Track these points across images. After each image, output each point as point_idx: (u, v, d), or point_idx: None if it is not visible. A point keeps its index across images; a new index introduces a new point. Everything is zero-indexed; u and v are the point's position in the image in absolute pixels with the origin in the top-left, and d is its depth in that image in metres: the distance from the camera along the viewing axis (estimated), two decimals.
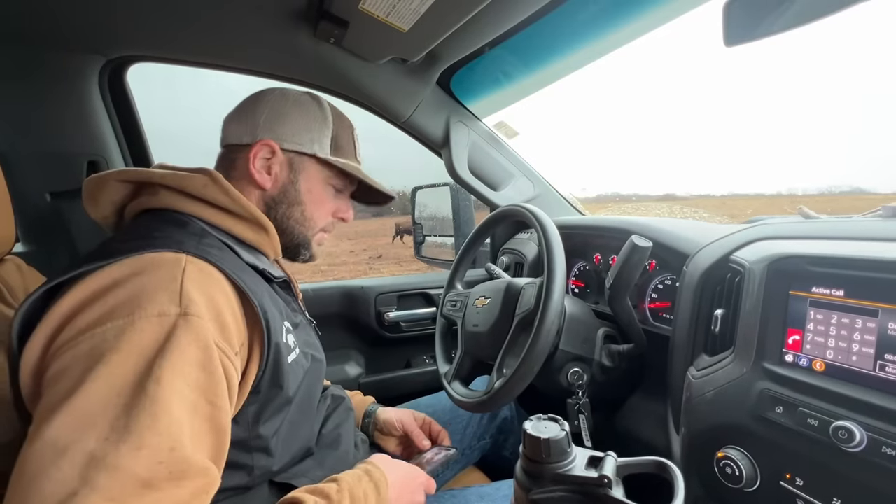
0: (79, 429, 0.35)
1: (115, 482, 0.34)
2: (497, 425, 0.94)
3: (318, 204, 0.65)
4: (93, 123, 0.91)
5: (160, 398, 0.37)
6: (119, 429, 0.36)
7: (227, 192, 0.54)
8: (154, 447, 0.36)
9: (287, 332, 0.54)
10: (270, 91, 0.64)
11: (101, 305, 0.40)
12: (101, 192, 0.55)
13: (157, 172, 0.54)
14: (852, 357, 0.45)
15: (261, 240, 0.58)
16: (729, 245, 0.63)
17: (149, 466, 0.36)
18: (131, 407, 0.36)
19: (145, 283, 0.42)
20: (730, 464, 0.52)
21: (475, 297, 0.85)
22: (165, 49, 0.89)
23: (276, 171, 0.61)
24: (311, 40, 0.84)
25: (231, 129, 0.62)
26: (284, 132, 0.61)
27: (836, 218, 0.65)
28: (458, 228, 1.35)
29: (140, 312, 0.39)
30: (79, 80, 0.89)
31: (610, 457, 0.29)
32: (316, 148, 0.63)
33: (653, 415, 0.77)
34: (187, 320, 0.41)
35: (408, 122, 1.06)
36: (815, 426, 0.45)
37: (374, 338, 1.20)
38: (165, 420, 0.37)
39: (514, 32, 0.89)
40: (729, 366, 0.56)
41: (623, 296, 0.72)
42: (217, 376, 0.42)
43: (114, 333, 0.39)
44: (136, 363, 0.38)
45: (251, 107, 0.62)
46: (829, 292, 0.48)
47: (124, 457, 0.35)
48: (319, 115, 0.64)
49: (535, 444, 0.28)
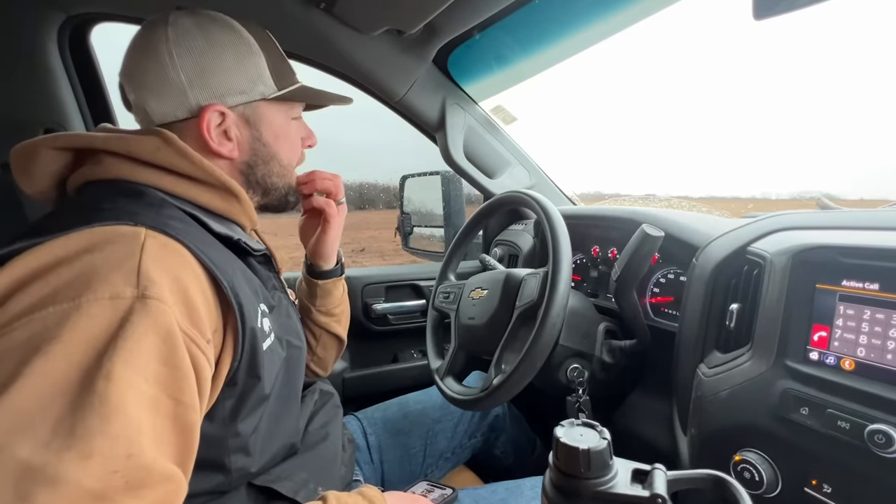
0: (10, 431, 0.28)
1: (59, 497, 0.28)
2: (489, 423, 0.90)
3: (289, 146, 0.57)
4: (50, 87, 0.82)
5: (112, 396, 0.31)
6: (62, 433, 0.29)
7: (185, 153, 0.46)
8: (106, 454, 0.30)
9: (262, 317, 0.47)
10: (161, 42, 0.48)
11: (41, 286, 0.33)
12: (32, 163, 0.47)
13: (99, 136, 0.46)
14: (887, 355, 0.42)
15: (231, 208, 0.50)
16: (745, 236, 0.60)
17: (101, 477, 0.29)
18: (77, 407, 0.30)
19: (96, 260, 0.35)
20: (748, 468, 0.48)
21: (471, 288, 0.80)
22: (133, 6, 0.80)
23: (236, 134, 0.52)
24: (298, 4, 0.77)
25: (153, 106, 0.49)
26: (221, 86, 0.50)
27: (859, 209, 0.62)
28: (448, 219, 1.30)
29: (89, 295, 0.33)
30: (35, 37, 0.79)
31: (658, 470, 0.24)
32: (261, 89, 0.53)
33: (655, 414, 0.74)
34: (145, 304, 0.34)
35: (402, 101, 0.99)
36: (846, 429, 0.42)
37: (360, 330, 1.14)
38: (119, 422, 0.31)
39: (514, 9, 0.85)
40: (746, 363, 0.52)
41: (630, 288, 0.68)
42: (182, 369, 0.35)
43: (56, 319, 0.32)
44: (83, 355, 0.31)
45: (155, 67, 0.49)
46: (862, 286, 0.44)
47: (69, 467, 0.28)
48: (243, 46, 0.52)
49: (571, 455, 0.24)
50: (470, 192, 1.26)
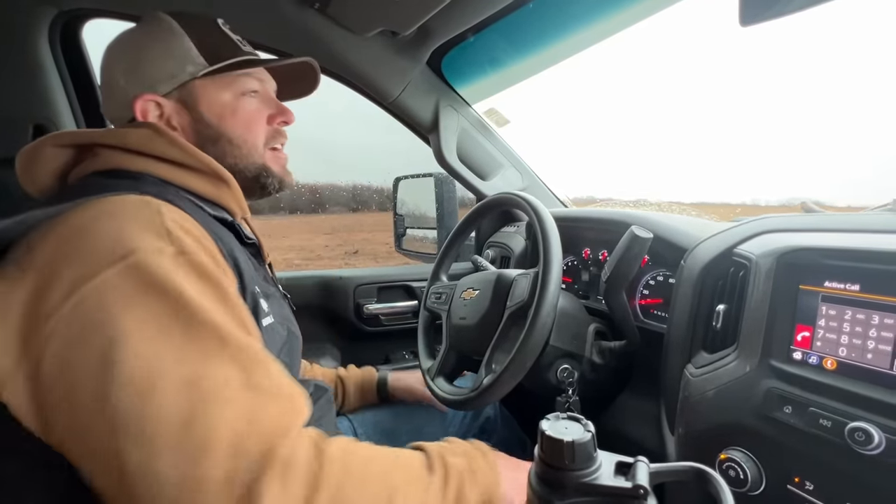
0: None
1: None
2: (479, 425, 0.90)
3: (239, 121, 0.56)
4: (41, 83, 0.81)
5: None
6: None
7: (175, 142, 0.48)
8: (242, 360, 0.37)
9: (259, 297, 0.49)
10: (107, 51, 0.55)
11: (79, 254, 0.35)
12: (36, 164, 0.48)
13: (97, 132, 0.48)
14: (867, 355, 0.43)
15: (221, 194, 0.51)
16: (731, 238, 0.60)
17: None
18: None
19: (122, 224, 0.37)
20: (734, 466, 0.49)
21: (462, 288, 0.81)
22: (125, 3, 0.80)
23: (177, 121, 0.53)
24: (292, 4, 0.77)
25: (110, 110, 0.55)
26: (151, 75, 0.52)
27: (842, 213, 0.64)
28: (441, 220, 1.30)
29: (133, 257, 0.35)
30: (26, 32, 0.79)
31: (641, 462, 0.24)
32: (190, 69, 0.53)
33: (643, 414, 0.75)
34: (187, 259, 0.37)
35: (395, 102, 1.00)
36: (827, 427, 0.42)
37: (352, 331, 1.14)
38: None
39: (508, 12, 0.86)
40: (732, 363, 0.53)
41: (620, 289, 0.69)
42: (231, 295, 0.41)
43: (115, 282, 0.34)
44: (165, 303, 0.35)
45: (106, 75, 0.54)
46: (844, 287, 0.45)
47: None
48: (164, 33, 0.53)
49: (556, 447, 0.24)
50: (463, 195, 1.26)
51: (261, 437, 0.33)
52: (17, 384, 0.33)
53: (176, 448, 0.31)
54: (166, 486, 0.30)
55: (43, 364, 0.33)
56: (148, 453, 0.31)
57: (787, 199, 2.34)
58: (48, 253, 0.36)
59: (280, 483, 0.32)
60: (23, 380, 0.33)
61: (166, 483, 0.31)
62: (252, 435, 0.33)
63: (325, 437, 0.39)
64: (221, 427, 0.32)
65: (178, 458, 0.31)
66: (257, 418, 0.34)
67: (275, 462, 0.33)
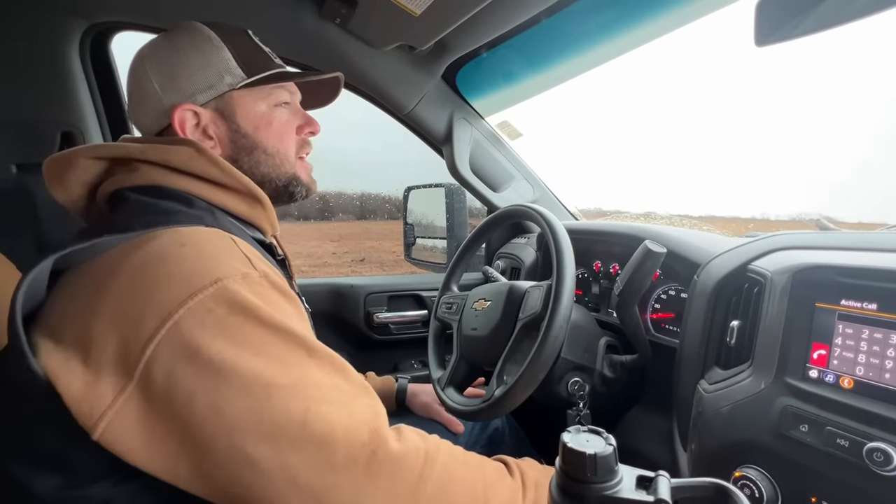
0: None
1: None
2: (488, 436, 0.90)
3: (273, 132, 0.57)
4: (70, 92, 0.84)
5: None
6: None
7: (216, 163, 0.49)
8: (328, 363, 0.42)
9: None
10: (139, 59, 0.54)
11: (169, 280, 0.37)
12: (68, 173, 0.49)
13: (137, 147, 0.48)
14: (885, 374, 0.43)
15: (256, 214, 0.53)
16: (746, 254, 0.61)
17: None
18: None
19: (204, 252, 0.39)
20: (749, 484, 0.48)
21: (474, 299, 0.81)
22: (154, 17, 0.83)
23: (214, 131, 0.54)
24: (314, 19, 0.79)
25: (142, 121, 0.54)
26: (190, 86, 0.52)
27: (857, 231, 0.64)
28: (451, 230, 1.31)
29: (223, 282, 0.38)
30: (57, 43, 0.82)
31: (662, 477, 0.25)
32: (228, 80, 0.53)
33: (655, 429, 0.74)
34: (269, 280, 0.41)
35: (410, 114, 1.02)
36: (845, 447, 0.42)
37: (362, 339, 1.14)
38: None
39: (524, 29, 0.87)
40: (746, 380, 0.53)
41: (632, 303, 0.69)
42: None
43: (210, 305, 0.37)
44: (260, 327, 0.38)
45: (137, 83, 0.53)
46: (861, 305, 0.45)
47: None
48: (206, 43, 0.54)
49: (578, 459, 0.24)
50: (472, 205, 1.27)
51: (363, 424, 0.40)
52: (119, 414, 0.34)
53: (302, 443, 0.36)
54: (300, 476, 0.36)
55: (149, 389, 0.35)
56: (279, 451, 0.36)
57: (798, 213, 2.32)
58: (125, 280, 0.37)
59: (397, 439, 0.41)
60: (125, 409, 0.34)
61: (301, 472, 0.36)
62: (356, 423, 0.39)
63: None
64: (333, 420, 0.38)
65: (305, 452, 0.36)
66: (354, 410, 0.40)
67: (384, 434, 0.40)
